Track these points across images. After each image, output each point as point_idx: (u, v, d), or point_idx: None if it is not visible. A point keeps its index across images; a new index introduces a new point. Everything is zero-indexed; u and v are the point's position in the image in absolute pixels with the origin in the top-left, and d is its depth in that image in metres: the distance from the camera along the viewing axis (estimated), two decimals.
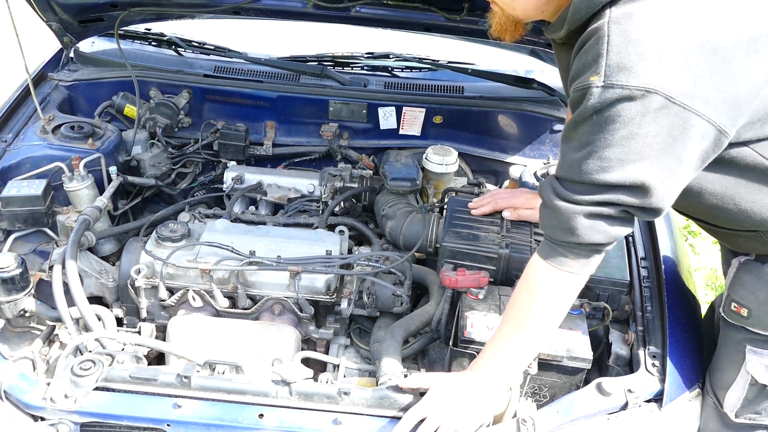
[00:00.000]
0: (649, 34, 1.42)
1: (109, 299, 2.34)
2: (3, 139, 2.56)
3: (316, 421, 1.75)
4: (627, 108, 1.42)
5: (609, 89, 1.42)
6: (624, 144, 1.45)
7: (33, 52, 2.67)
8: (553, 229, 1.61)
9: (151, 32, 3.20)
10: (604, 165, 1.47)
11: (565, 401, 1.82)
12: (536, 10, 1.67)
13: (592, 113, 1.46)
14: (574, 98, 1.51)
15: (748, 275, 1.84)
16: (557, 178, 1.60)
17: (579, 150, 1.51)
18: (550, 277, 1.65)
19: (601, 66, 1.43)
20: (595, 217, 1.55)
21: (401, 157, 2.66)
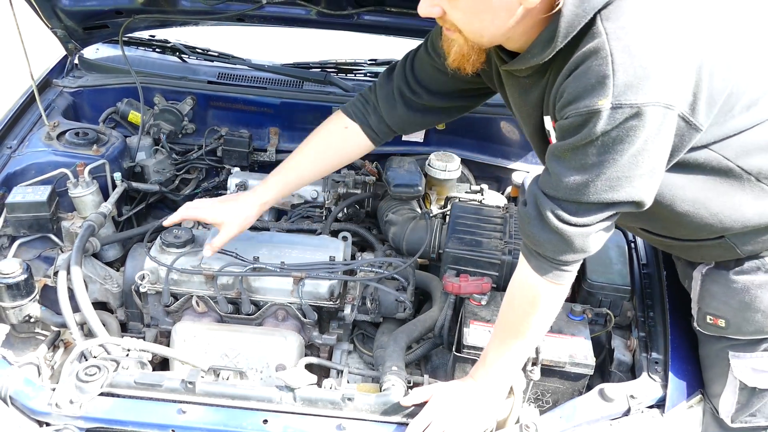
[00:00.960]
0: (649, 41, 1.40)
1: (114, 305, 2.35)
2: (8, 146, 2.57)
3: (320, 427, 1.75)
4: (636, 126, 1.39)
5: (618, 110, 1.38)
6: (633, 162, 1.43)
7: (38, 58, 2.68)
8: (562, 252, 1.59)
9: (156, 39, 3.21)
10: (613, 185, 1.46)
11: (567, 407, 1.83)
12: (504, 34, 1.56)
13: (600, 136, 1.42)
14: (573, 123, 1.45)
15: (716, 285, 1.84)
16: (553, 198, 1.55)
17: (582, 172, 1.48)
18: (551, 293, 1.67)
19: (609, 87, 1.38)
20: (603, 230, 1.57)
21: (404, 163, 2.67)
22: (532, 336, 1.72)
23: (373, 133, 2.17)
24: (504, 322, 1.76)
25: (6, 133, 2.64)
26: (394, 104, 2.11)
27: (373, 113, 2.15)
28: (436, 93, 2.07)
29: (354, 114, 2.17)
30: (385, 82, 2.13)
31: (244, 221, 2.18)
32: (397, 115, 2.12)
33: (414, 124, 2.20)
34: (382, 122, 2.16)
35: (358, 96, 2.20)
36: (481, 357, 1.81)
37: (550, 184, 1.55)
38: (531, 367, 1.88)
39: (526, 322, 1.70)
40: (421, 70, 2.05)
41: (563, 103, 1.48)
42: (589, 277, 2.18)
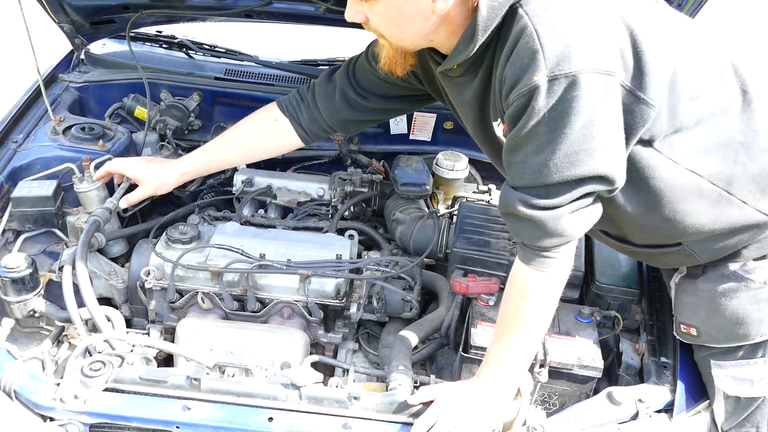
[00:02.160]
0: (572, 16, 1.46)
1: (118, 301, 2.34)
2: (14, 140, 2.55)
3: (325, 426, 1.74)
4: (577, 96, 1.42)
5: (555, 81, 1.42)
6: (586, 133, 1.45)
7: (44, 53, 2.67)
8: (538, 238, 1.60)
9: (163, 34, 3.20)
10: (572, 160, 1.47)
11: (575, 410, 1.82)
12: (425, 38, 1.65)
13: (545, 112, 1.45)
14: (518, 106, 1.49)
15: (686, 295, 1.86)
16: (521, 188, 1.57)
17: (539, 153, 1.50)
18: (539, 281, 1.66)
19: (540, 61, 1.43)
20: (577, 212, 1.56)
21: (412, 162, 2.66)
22: (527, 330, 1.70)
23: (302, 131, 2.23)
24: (500, 318, 1.76)
25: (12, 128, 2.62)
26: (336, 106, 2.17)
27: (306, 112, 2.20)
28: (380, 96, 2.14)
29: (287, 109, 2.23)
30: (326, 85, 2.18)
31: (162, 185, 2.28)
32: (341, 116, 2.19)
33: (358, 123, 2.26)
34: (314, 122, 2.22)
35: (294, 92, 2.25)
36: (485, 357, 1.80)
37: (515, 175, 1.58)
38: (538, 369, 1.87)
39: (519, 314, 1.69)
40: (362, 76, 2.12)
41: (506, 92, 1.53)
42: (598, 280, 2.17)
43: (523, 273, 1.67)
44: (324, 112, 2.18)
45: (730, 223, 1.68)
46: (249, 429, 1.72)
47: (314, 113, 2.20)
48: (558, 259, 1.63)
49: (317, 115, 2.20)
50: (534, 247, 1.62)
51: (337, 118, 2.19)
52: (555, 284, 1.68)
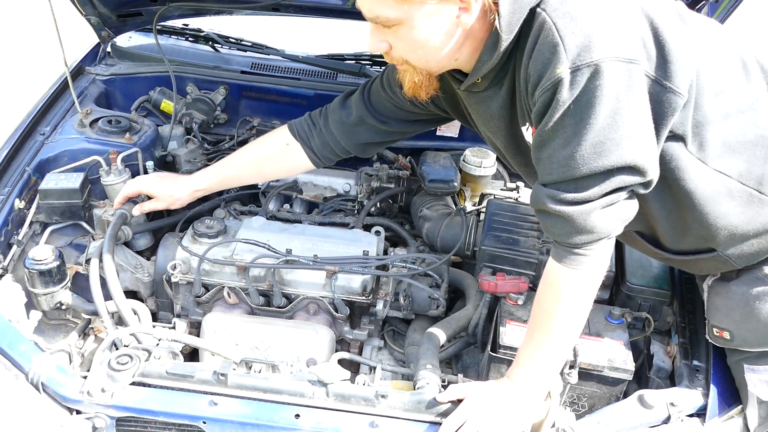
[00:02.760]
0: (590, 7, 1.45)
1: (144, 294, 2.34)
2: (41, 132, 2.56)
3: (352, 424, 1.73)
4: (600, 85, 1.41)
5: (578, 72, 1.42)
6: (611, 122, 1.44)
7: (71, 46, 2.67)
8: (568, 235, 1.57)
9: (189, 28, 3.19)
10: (598, 150, 1.45)
11: (605, 412, 1.79)
12: (450, 58, 1.64)
13: (570, 103, 1.44)
14: (543, 101, 1.49)
15: (719, 298, 1.83)
16: (550, 184, 1.56)
17: (566, 146, 1.48)
18: (571, 279, 1.63)
19: (562, 53, 1.42)
20: (608, 207, 1.53)
21: (439, 158, 2.64)
22: (560, 331, 1.67)
23: (314, 155, 2.25)
24: (533, 318, 1.73)
25: (39, 120, 2.63)
26: (353, 131, 2.18)
27: (318, 137, 2.22)
28: (399, 121, 2.15)
29: (298, 133, 2.24)
30: (340, 111, 2.19)
31: (175, 201, 2.32)
32: (359, 140, 2.20)
33: (376, 145, 2.27)
34: (326, 147, 2.23)
35: (305, 117, 2.27)
36: (516, 357, 1.77)
37: (544, 170, 1.56)
38: (568, 370, 1.84)
39: (551, 314, 1.66)
40: (378, 103, 2.14)
41: (531, 90, 1.53)
42: (629, 280, 2.13)
43: (556, 271, 1.64)
44: (340, 137, 2.19)
45: (764, 224, 1.65)
46: (276, 425, 1.71)
47: (327, 138, 2.21)
48: (591, 257, 1.60)
49: (330, 139, 2.21)
50: (565, 244, 1.60)
51: (355, 143, 2.21)
52: (588, 283, 1.65)
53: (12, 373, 1.76)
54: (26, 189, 2.30)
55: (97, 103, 2.85)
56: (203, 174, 2.33)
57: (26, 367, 1.77)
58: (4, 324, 1.85)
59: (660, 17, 1.49)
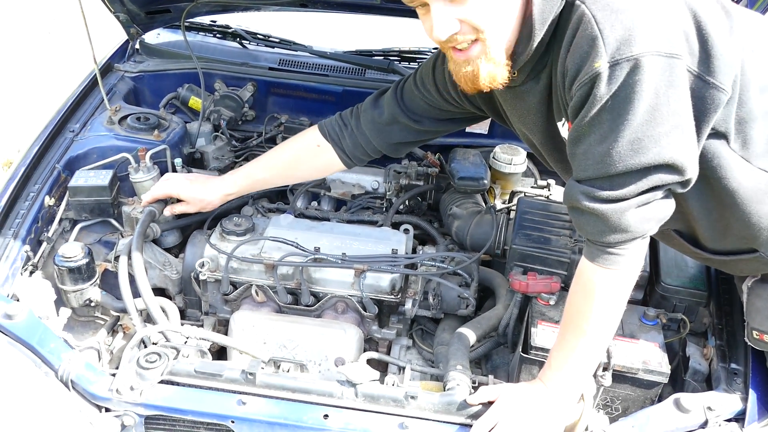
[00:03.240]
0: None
1: (172, 291, 2.34)
2: (71, 129, 2.57)
3: (381, 425, 1.71)
4: (640, 80, 1.37)
5: (616, 66, 1.38)
6: (650, 118, 1.40)
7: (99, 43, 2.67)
8: (601, 233, 1.53)
9: (217, 24, 3.19)
10: (635, 147, 1.41)
11: (640, 416, 1.75)
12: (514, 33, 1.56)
13: (607, 98, 1.40)
14: (580, 95, 1.45)
15: (759, 300, 1.79)
16: (585, 180, 1.52)
17: (602, 142, 1.45)
18: (604, 279, 1.59)
19: (601, 47, 1.39)
20: (644, 206, 1.49)
21: (469, 155, 2.61)
22: (593, 332, 1.63)
23: (345, 156, 2.22)
24: (565, 318, 1.70)
25: (69, 117, 2.64)
26: (386, 130, 2.15)
27: (350, 138, 2.19)
28: (432, 119, 2.12)
29: (329, 134, 2.21)
30: (372, 110, 2.16)
31: (207, 205, 2.32)
32: (391, 139, 2.17)
33: (408, 144, 2.24)
34: (358, 147, 2.19)
35: (336, 117, 2.24)
36: (548, 359, 1.74)
37: (579, 166, 1.53)
38: (602, 372, 1.81)
39: (584, 314, 1.62)
40: (411, 102, 2.10)
41: (568, 84, 1.49)
42: (664, 281, 2.09)
43: (588, 270, 1.61)
44: (372, 136, 2.16)
45: None
46: (304, 426, 1.70)
47: (358, 138, 2.18)
48: (625, 256, 1.56)
49: (362, 140, 2.18)
50: (598, 243, 1.56)
51: (387, 142, 2.18)
52: (622, 283, 1.61)
53: (42, 371, 1.77)
54: (56, 186, 2.31)
55: (125, 100, 2.86)
56: (234, 177, 2.31)
57: (56, 364, 1.77)
58: (34, 321, 1.85)
59: (704, 11, 1.45)
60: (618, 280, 1.60)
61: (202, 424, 1.74)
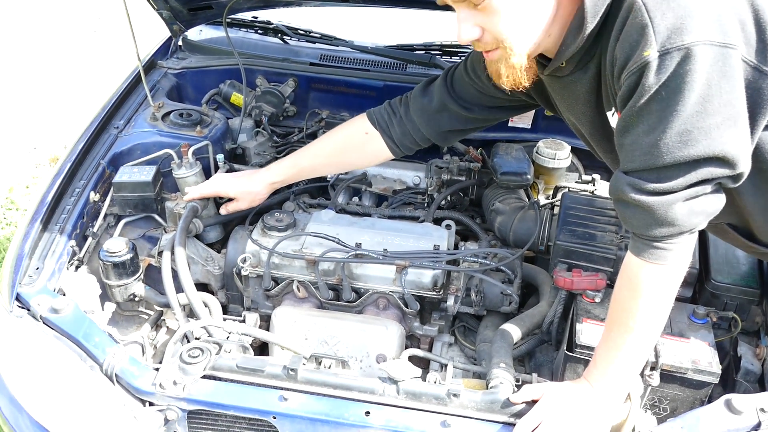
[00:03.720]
0: None
1: (214, 286, 2.35)
2: (115, 126, 2.60)
3: (423, 422, 1.69)
4: (691, 69, 1.33)
5: (667, 56, 1.34)
6: (700, 110, 1.35)
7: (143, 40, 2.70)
8: (648, 227, 1.49)
9: (258, 20, 3.20)
10: (685, 139, 1.37)
11: (690, 417, 1.69)
12: (543, 37, 1.55)
13: (657, 88, 1.36)
14: (629, 85, 1.42)
15: None
16: (631, 172, 1.48)
17: (650, 133, 1.41)
18: (651, 275, 1.54)
19: (650, 36, 1.35)
20: (692, 199, 1.45)
21: (512, 150, 2.57)
22: (640, 329, 1.58)
23: (394, 144, 2.20)
24: (610, 315, 1.65)
25: (113, 113, 2.66)
26: (436, 118, 2.13)
27: (399, 126, 2.16)
28: (483, 107, 2.08)
29: (378, 122, 2.19)
30: (422, 98, 2.14)
31: (255, 198, 2.34)
32: (441, 127, 2.14)
33: (458, 133, 2.19)
34: (407, 136, 2.17)
35: (385, 105, 2.22)
36: (593, 358, 1.70)
37: (626, 158, 1.49)
38: (650, 372, 1.77)
39: (630, 311, 1.58)
40: (461, 89, 2.07)
41: (617, 73, 1.46)
42: (714, 278, 2.04)
43: (634, 265, 1.56)
44: (421, 124, 2.14)
45: None
46: (346, 422, 1.69)
47: (407, 126, 2.16)
48: (672, 251, 1.52)
49: (411, 127, 2.16)
50: (644, 237, 1.52)
51: (436, 131, 2.15)
52: (669, 279, 1.56)
53: (87, 364, 1.79)
54: (101, 182, 2.33)
55: (168, 96, 2.88)
56: (279, 166, 2.31)
57: (101, 358, 1.79)
58: (80, 315, 1.88)
59: None
60: (665, 276, 1.55)
61: (244, 420, 1.74)
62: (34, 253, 2.03)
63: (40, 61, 6.48)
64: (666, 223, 1.47)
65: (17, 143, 5.05)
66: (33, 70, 6.29)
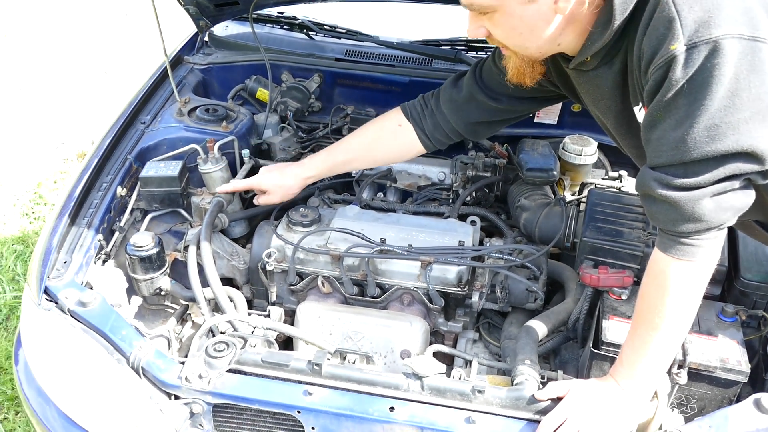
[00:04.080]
0: None
1: (239, 281, 2.36)
2: (142, 121, 2.61)
3: (448, 418, 1.68)
4: (718, 63, 1.31)
5: (694, 49, 1.33)
6: (729, 104, 1.34)
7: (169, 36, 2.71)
8: (674, 222, 1.48)
9: (284, 15, 3.20)
10: (712, 134, 1.35)
11: (718, 416, 1.67)
12: (551, 43, 1.57)
13: (684, 82, 1.35)
14: (656, 79, 1.41)
15: None
16: (658, 167, 1.47)
17: (677, 127, 1.39)
18: (679, 271, 1.52)
19: (678, 29, 1.34)
20: (719, 195, 1.43)
21: (537, 146, 2.55)
22: (667, 327, 1.57)
23: (425, 138, 2.21)
24: (637, 312, 1.64)
25: (140, 109, 2.68)
26: (465, 110, 2.14)
27: (430, 118, 2.18)
28: (511, 98, 2.09)
29: (411, 115, 2.21)
30: (452, 90, 2.15)
31: (287, 192, 2.34)
32: (470, 119, 2.15)
33: (487, 125, 2.20)
34: (438, 129, 2.19)
35: (419, 98, 2.23)
36: (619, 355, 1.69)
37: (652, 153, 1.49)
38: (677, 370, 1.75)
39: (657, 308, 1.56)
40: (490, 79, 2.08)
41: (644, 67, 1.46)
42: (743, 276, 2.01)
43: (661, 261, 1.55)
44: (451, 117, 2.15)
45: None
46: (370, 417, 1.69)
47: (438, 119, 2.17)
48: (700, 247, 1.50)
49: (442, 121, 2.17)
50: (672, 233, 1.51)
51: (466, 123, 2.16)
52: (697, 276, 1.54)
53: (114, 357, 1.80)
54: (128, 177, 2.35)
55: (194, 91, 2.90)
56: (313, 161, 2.32)
57: (127, 351, 1.80)
58: (107, 309, 1.89)
59: None
60: (693, 272, 1.54)
61: (269, 414, 1.75)
62: (62, 247, 2.06)
63: (67, 58, 6.55)
64: (693, 219, 1.45)
65: (45, 139, 5.11)
66: (60, 66, 6.36)
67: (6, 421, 2.90)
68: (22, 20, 7.37)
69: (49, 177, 4.61)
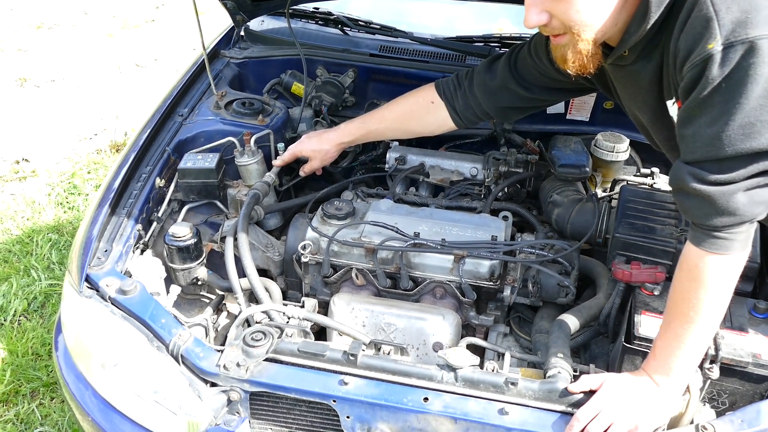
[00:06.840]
0: None
1: (274, 272, 2.39)
2: (180, 114, 2.66)
3: (481, 409, 1.71)
4: (755, 63, 1.33)
5: (731, 49, 1.35)
6: (764, 102, 1.35)
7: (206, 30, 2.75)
8: (708, 216, 1.50)
9: (320, 11, 3.23)
10: (747, 132, 1.37)
11: (750, 411, 1.69)
12: (612, 23, 1.56)
13: (720, 81, 1.37)
14: (692, 76, 1.42)
15: None
16: (693, 162, 1.48)
17: (712, 124, 1.41)
18: (712, 265, 1.54)
19: (715, 29, 1.36)
20: (753, 190, 1.45)
21: (570, 143, 2.56)
22: (701, 320, 1.58)
23: (456, 116, 2.31)
24: (669, 306, 1.65)
25: (178, 102, 2.73)
26: (496, 94, 2.21)
27: (462, 98, 2.25)
28: (542, 88, 2.15)
29: (444, 92, 2.29)
30: (485, 74, 2.21)
31: (326, 157, 2.53)
32: (500, 104, 2.23)
33: (516, 110, 2.30)
34: (469, 109, 2.27)
35: (453, 76, 2.31)
36: (651, 350, 1.70)
37: (687, 148, 1.50)
38: (709, 365, 1.75)
39: (689, 302, 1.58)
40: (524, 69, 2.13)
41: (680, 64, 1.49)
42: None
43: (694, 255, 1.56)
44: (482, 99, 2.22)
45: None
46: (405, 407, 1.72)
47: (470, 100, 2.24)
48: (733, 240, 1.52)
49: (473, 101, 2.24)
50: (704, 227, 1.52)
51: (496, 106, 2.23)
52: (730, 269, 1.56)
53: (154, 345, 1.85)
54: (166, 168, 2.40)
55: (230, 85, 2.94)
56: (348, 126, 2.46)
57: (167, 339, 1.85)
58: (147, 297, 1.94)
59: None
60: (725, 266, 1.55)
61: (304, 403, 1.78)
62: (102, 237, 2.11)
63: (100, 50, 6.64)
64: (727, 213, 1.47)
65: (79, 130, 5.20)
66: (94, 58, 6.45)
67: (41, 406, 2.97)
68: (58, 12, 7.49)
69: (83, 167, 4.69)
